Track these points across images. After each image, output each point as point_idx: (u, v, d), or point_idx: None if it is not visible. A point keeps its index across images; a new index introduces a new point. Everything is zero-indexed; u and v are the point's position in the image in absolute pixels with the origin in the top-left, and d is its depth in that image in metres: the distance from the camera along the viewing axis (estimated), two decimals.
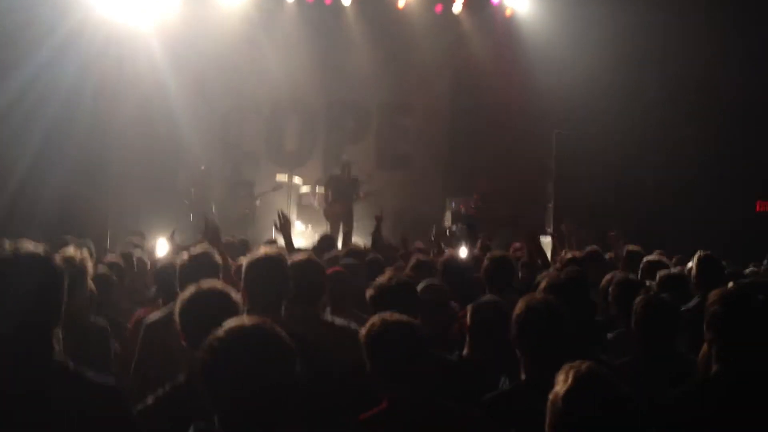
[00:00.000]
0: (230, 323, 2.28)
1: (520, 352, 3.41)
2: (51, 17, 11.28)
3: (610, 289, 4.93)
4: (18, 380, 2.43)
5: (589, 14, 12.59)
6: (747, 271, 6.68)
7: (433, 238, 12.31)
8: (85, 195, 11.93)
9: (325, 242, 7.98)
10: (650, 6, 12.38)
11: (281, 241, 11.27)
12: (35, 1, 10.86)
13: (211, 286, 3.21)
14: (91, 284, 4.58)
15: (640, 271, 6.09)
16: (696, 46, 12.50)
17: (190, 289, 3.19)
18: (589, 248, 6.97)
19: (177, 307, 3.15)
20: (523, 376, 3.38)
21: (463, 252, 8.80)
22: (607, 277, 5.45)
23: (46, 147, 11.31)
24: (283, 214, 6.16)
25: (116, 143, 13.02)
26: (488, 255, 5.58)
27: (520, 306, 3.43)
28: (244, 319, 2.32)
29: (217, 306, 3.01)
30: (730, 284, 4.02)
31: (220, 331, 2.25)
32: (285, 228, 6.09)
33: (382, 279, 4.02)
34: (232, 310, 3.03)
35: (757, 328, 3.13)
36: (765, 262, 7.27)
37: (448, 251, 8.53)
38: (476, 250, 8.25)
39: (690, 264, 5.79)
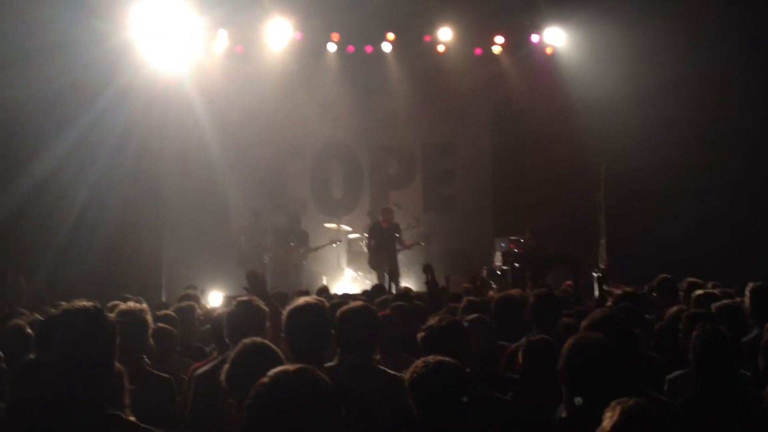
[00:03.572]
0: (275, 370, 2.32)
1: (566, 388, 3.26)
2: (100, 78, 11.69)
3: (680, 324, 4.71)
4: None
5: (630, 48, 12.54)
6: None
7: (483, 277, 12.23)
8: (137, 249, 12.18)
9: (376, 291, 8.08)
10: (694, 40, 12.27)
11: (334, 288, 11.41)
12: (87, 62, 11.25)
13: (255, 341, 3.22)
14: (150, 339, 4.64)
15: (691, 304, 5.91)
16: (743, 75, 12.35)
17: (235, 348, 3.21)
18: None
19: (224, 370, 3.16)
20: (563, 414, 3.22)
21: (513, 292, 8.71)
22: (672, 311, 5.23)
23: (93, 203, 11.62)
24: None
25: (164, 197, 13.29)
26: (534, 293, 5.50)
27: (569, 343, 3.32)
28: (287, 366, 2.34)
29: (263, 361, 2.97)
30: None
31: (265, 378, 2.29)
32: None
33: (432, 321, 4.01)
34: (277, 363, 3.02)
35: None
36: None
37: (496, 291, 8.48)
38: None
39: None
